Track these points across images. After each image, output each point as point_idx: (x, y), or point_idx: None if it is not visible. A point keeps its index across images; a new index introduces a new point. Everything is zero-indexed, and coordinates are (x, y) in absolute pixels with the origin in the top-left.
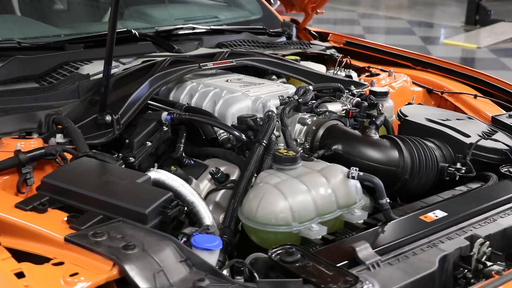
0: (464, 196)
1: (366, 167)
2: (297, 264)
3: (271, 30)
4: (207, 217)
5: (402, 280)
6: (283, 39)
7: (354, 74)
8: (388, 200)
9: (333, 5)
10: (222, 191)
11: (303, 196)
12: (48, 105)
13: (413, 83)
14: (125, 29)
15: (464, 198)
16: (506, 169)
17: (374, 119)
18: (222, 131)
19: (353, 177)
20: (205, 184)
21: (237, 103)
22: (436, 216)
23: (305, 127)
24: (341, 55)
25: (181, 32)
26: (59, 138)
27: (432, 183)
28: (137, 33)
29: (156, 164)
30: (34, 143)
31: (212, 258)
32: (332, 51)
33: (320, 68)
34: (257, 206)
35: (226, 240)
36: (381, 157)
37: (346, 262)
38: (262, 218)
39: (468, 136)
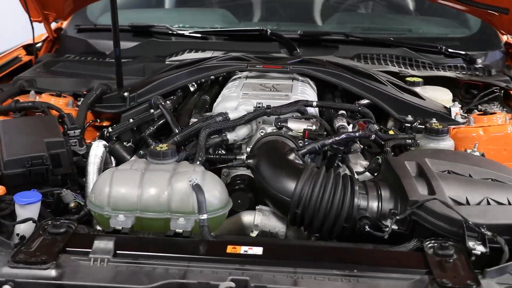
0: (322, 249)
1: (262, 188)
2: (44, 236)
3: (450, 51)
4: (91, 186)
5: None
6: (458, 61)
7: (454, 109)
8: None
9: None
10: None
11: (130, 188)
12: (110, 77)
13: None
14: (257, 28)
15: (310, 250)
16: (430, 245)
17: (307, 143)
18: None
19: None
20: None
21: (227, 102)
22: (245, 252)
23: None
24: (497, 88)
25: (327, 37)
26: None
27: (345, 229)
28: (268, 32)
29: (131, 139)
30: (62, 101)
31: (25, 212)
32: None
33: (443, 94)
34: (92, 184)
35: (86, 211)
36: (276, 182)
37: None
38: (90, 196)
39: (433, 193)
